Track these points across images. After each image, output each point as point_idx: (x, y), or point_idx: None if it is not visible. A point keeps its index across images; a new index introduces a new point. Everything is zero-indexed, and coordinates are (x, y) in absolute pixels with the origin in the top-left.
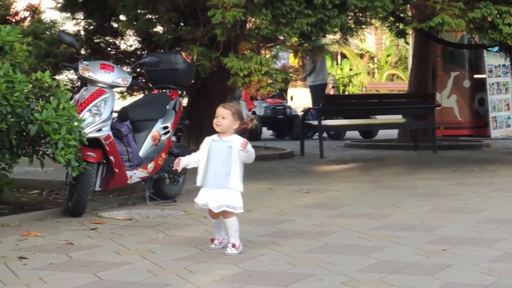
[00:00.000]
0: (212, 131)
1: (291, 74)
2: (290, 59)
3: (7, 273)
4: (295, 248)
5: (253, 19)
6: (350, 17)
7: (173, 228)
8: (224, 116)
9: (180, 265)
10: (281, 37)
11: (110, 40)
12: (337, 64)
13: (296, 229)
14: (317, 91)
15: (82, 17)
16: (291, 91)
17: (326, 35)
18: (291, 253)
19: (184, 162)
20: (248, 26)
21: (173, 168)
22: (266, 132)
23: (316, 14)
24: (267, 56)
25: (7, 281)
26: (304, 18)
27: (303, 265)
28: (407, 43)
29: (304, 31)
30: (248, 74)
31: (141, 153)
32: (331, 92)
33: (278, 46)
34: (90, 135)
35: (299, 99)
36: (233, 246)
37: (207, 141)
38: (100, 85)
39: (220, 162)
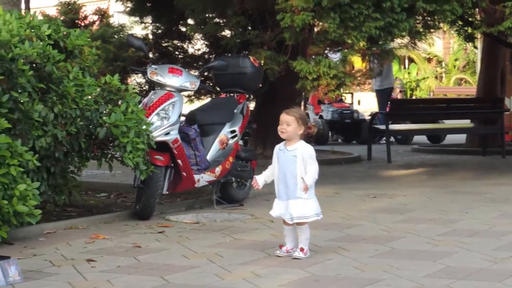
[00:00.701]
0: (279, 135)
1: (359, 78)
2: (358, 63)
3: (75, 275)
4: (362, 253)
5: (321, 23)
6: (418, 21)
7: (240, 232)
8: (288, 123)
9: (247, 269)
10: (349, 41)
11: (178, 44)
12: (405, 68)
13: (363, 234)
14: (384, 95)
15: (150, 21)
16: (358, 95)
17: (394, 39)
18: (358, 257)
19: (261, 180)
20: (316, 30)
21: (255, 188)
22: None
23: (384, 18)
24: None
25: (75, 284)
26: (372, 21)
27: (370, 270)
28: (475, 47)
29: (372, 35)
30: (316, 78)
31: (209, 156)
32: (399, 96)
33: (346, 50)
34: (158, 139)
35: (366, 103)
36: (301, 250)
37: (275, 150)
38: (168, 88)
39: (287, 173)
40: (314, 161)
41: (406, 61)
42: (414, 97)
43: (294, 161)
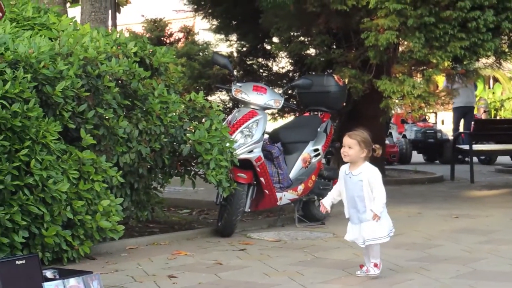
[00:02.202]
0: None
1: (443, 98)
2: (442, 83)
3: None
4: (443, 273)
5: (406, 42)
6: (504, 41)
7: (321, 251)
8: (350, 146)
9: None
10: (434, 61)
11: (263, 62)
12: (489, 88)
13: (445, 254)
14: (458, 114)
15: (235, 39)
16: (442, 115)
17: (479, 59)
18: (439, 278)
19: (328, 202)
20: (400, 49)
21: (323, 212)
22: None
23: (469, 38)
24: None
25: None
26: (457, 41)
27: None
28: None
29: (457, 55)
30: (401, 97)
31: (292, 175)
32: (483, 116)
33: (430, 69)
34: (242, 156)
35: (450, 123)
36: (375, 265)
37: (341, 172)
38: (252, 106)
39: (355, 198)
40: (380, 184)
41: (491, 81)
42: (498, 117)
43: (361, 186)
